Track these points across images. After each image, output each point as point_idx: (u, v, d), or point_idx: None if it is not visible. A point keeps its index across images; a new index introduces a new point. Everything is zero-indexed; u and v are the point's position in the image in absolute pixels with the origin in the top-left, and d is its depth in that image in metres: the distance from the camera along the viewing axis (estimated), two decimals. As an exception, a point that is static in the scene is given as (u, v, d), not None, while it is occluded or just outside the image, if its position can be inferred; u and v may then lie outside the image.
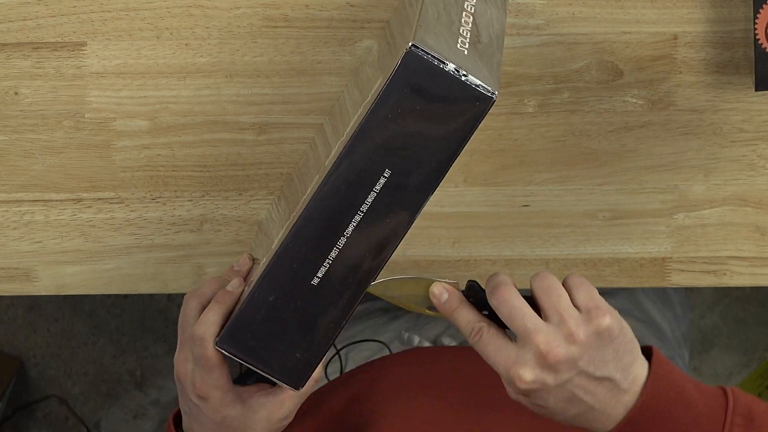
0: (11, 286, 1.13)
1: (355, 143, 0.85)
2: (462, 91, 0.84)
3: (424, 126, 0.85)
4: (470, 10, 0.91)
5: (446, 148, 0.86)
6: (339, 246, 0.87)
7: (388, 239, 0.88)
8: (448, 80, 0.84)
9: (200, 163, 1.09)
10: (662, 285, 1.11)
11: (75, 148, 1.09)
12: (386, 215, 0.87)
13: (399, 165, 0.86)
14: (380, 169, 0.86)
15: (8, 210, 1.11)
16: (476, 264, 1.11)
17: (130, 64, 1.06)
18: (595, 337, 0.83)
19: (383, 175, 0.86)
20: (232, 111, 1.08)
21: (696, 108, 1.06)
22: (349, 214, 0.87)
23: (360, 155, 0.86)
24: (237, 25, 1.05)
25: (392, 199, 0.87)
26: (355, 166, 0.86)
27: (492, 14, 0.95)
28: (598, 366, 0.83)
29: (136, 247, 1.11)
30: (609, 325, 0.83)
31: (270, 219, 1.07)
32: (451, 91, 0.84)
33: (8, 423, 2.04)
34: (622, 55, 1.05)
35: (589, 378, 0.83)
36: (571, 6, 1.04)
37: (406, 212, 0.88)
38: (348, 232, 0.87)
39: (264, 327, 0.90)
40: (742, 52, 1.05)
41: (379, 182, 0.86)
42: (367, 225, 0.87)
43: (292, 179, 1.06)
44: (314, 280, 0.88)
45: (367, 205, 0.86)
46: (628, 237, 1.10)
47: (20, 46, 1.06)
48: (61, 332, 2.04)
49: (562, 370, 0.83)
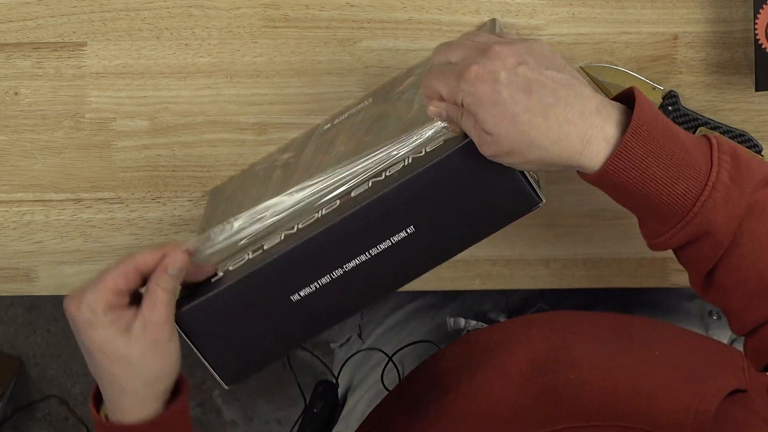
0: (11, 286, 1.13)
1: (392, 191, 0.84)
2: (516, 187, 0.84)
3: (466, 204, 0.85)
4: None
5: (476, 230, 0.86)
6: (333, 276, 0.87)
7: (378, 288, 0.88)
8: (509, 174, 0.83)
9: (200, 163, 1.09)
10: (662, 285, 1.11)
11: (75, 148, 1.09)
12: (390, 267, 0.86)
13: (424, 228, 0.85)
14: (405, 224, 0.85)
15: (8, 210, 1.11)
16: (476, 264, 1.11)
17: (130, 64, 1.06)
18: (526, 45, 0.83)
19: (406, 230, 0.85)
20: (232, 111, 1.08)
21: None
22: (357, 252, 0.86)
23: (391, 203, 0.85)
24: (237, 25, 1.05)
25: (402, 254, 0.86)
26: (382, 211, 0.85)
27: None
28: (540, 61, 0.82)
29: (136, 247, 1.11)
30: (538, 43, 0.84)
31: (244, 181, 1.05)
32: (506, 185, 0.84)
33: (8, 423, 2.04)
34: (622, 55, 1.05)
35: (536, 68, 0.82)
36: (571, 6, 1.04)
37: (409, 271, 0.87)
38: (348, 267, 0.86)
39: (227, 319, 0.89)
40: (742, 52, 1.05)
41: (399, 234, 0.86)
42: (368, 268, 0.86)
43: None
44: (294, 297, 0.87)
45: (378, 250, 0.86)
46: (628, 237, 1.10)
47: (20, 46, 1.06)
48: (61, 332, 2.04)
49: (504, 54, 0.82)
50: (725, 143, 0.84)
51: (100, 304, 0.87)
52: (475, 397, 0.95)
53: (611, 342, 0.99)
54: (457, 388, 0.97)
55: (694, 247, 0.85)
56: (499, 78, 0.81)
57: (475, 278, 1.12)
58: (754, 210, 0.83)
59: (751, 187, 0.83)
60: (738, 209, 0.83)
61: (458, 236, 0.86)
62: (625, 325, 1.02)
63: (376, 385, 1.20)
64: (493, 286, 1.12)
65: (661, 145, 0.82)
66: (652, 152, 0.81)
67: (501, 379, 0.96)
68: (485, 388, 0.96)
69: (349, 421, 1.24)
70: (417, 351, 1.21)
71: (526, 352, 0.98)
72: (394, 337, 1.26)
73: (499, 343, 1.02)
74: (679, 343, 1.00)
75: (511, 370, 0.96)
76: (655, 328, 1.02)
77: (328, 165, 0.93)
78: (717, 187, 0.82)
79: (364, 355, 1.27)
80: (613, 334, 1.00)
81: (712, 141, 0.84)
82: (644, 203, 0.84)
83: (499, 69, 0.81)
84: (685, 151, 0.82)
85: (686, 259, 0.87)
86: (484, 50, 0.83)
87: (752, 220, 0.83)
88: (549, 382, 0.93)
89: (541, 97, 0.81)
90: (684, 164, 0.82)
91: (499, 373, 0.97)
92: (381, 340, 1.27)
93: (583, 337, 1.00)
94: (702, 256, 0.85)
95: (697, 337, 1.04)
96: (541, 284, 1.12)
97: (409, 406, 1.02)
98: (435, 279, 1.11)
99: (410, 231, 0.85)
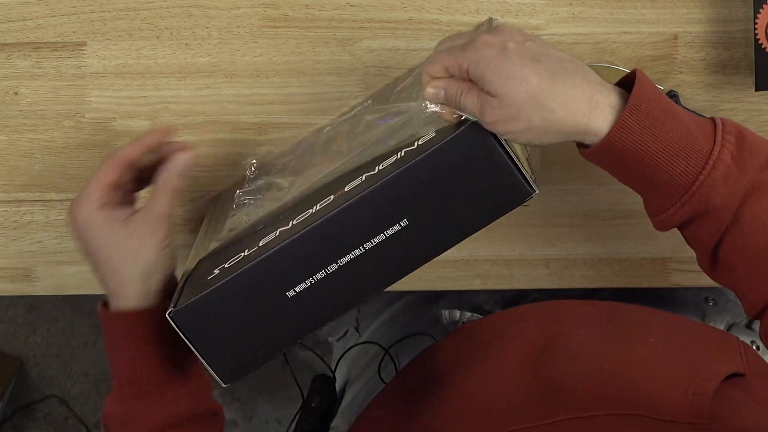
0: (11, 286, 1.13)
1: (385, 184, 0.84)
2: (510, 178, 0.84)
3: (460, 196, 0.84)
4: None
5: (471, 222, 0.86)
6: (328, 270, 0.86)
7: (373, 283, 0.87)
8: (503, 164, 0.83)
9: (200, 163, 1.09)
10: (662, 285, 1.11)
11: (75, 148, 1.09)
12: (383, 261, 0.86)
13: (418, 221, 0.85)
14: (399, 217, 0.85)
15: (8, 210, 1.11)
16: (476, 264, 1.11)
17: (130, 64, 1.06)
18: (521, 32, 0.84)
19: (399, 223, 0.85)
20: (232, 111, 1.08)
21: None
22: (351, 246, 0.86)
23: (384, 196, 0.84)
24: (237, 25, 1.05)
25: (396, 248, 0.86)
26: (375, 204, 0.85)
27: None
28: (544, 43, 0.84)
29: (136, 247, 1.11)
30: (533, 36, 0.85)
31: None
32: (499, 175, 0.84)
33: (8, 423, 2.04)
34: (622, 55, 1.05)
35: (542, 45, 0.83)
36: (571, 6, 1.04)
37: (404, 264, 0.87)
38: (342, 262, 0.86)
39: (223, 317, 0.89)
40: (742, 52, 1.05)
41: (393, 228, 0.85)
42: (362, 262, 0.86)
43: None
44: (290, 293, 0.87)
45: (372, 244, 0.85)
46: (628, 237, 1.10)
47: (20, 46, 1.06)
48: (61, 332, 2.04)
49: (511, 31, 0.83)
50: (731, 124, 0.85)
51: (95, 201, 0.93)
52: (471, 389, 0.95)
53: (607, 330, 0.99)
54: (453, 380, 0.97)
55: (696, 225, 0.86)
56: (507, 46, 0.82)
57: (475, 278, 1.12)
58: (757, 189, 0.84)
59: (754, 167, 0.83)
60: (739, 188, 0.83)
61: (452, 228, 0.86)
62: (621, 313, 1.02)
63: (374, 378, 1.20)
64: (493, 286, 1.12)
65: (662, 122, 0.82)
66: (652, 127, 0.82)
67: (496, 371, 0.96)
68: (481, 381, 0.96)
69: (347, 415, 1.24)
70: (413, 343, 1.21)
71: (521, 343, 0.98)
72: (390, 330, 1.26)
73: (494, 335, 1.02)
74: (675, 329, 1.00)
75: (507, 362, 0.96)
76: (651, 315, 1.02)
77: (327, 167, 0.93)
78: (717, 166, 0.82)
79: (361, 348, 1.27)
80: (609, 323, 1.00)
81: (717, 122, 0.85)
82: (645, 180, 0.84)
83: (507, 39, 0.82)
84: (687, 130, 0.83)
85: (690, 238, 0.88)
86: (491, 29, 0.84)
87: (755, 199, 0.84)
88: (545, 374, 0.93)
89: (549, 64, 0.82)
90: (684, 142, 0.82)
91: (494, 365, 0.97)
92: (377, 333, 1.27)
93: (578, 327, 1.00)
94: (704, 234, 0.86)
95: (694, 323, 1.04)
96: (541, 284, 1.12)
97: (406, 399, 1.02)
98: (435, 279, 1.11)
99: (404, 224, 0.85)
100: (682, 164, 0.82)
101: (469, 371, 0.98)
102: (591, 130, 0.82)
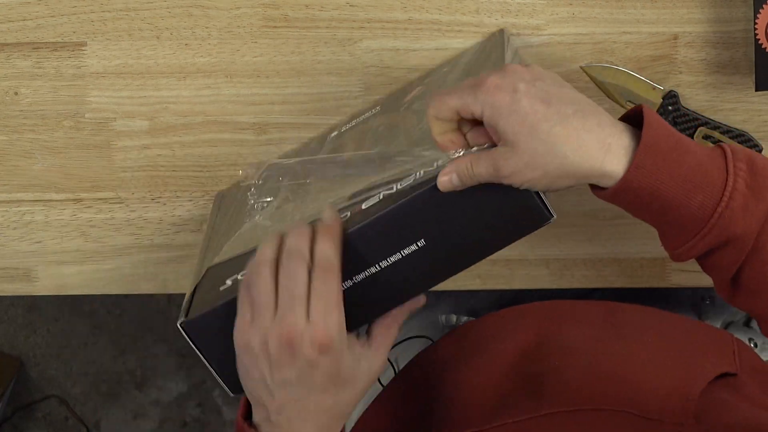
0: (11, 286, 1.13)
1: (404, 204, 0.84)
2: (528, 203, 0.83)
3: (477, 219, 0.84)
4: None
5: (487, 245, 0.86)
6: (343, 287, 0.85)
7: (386, 301, 0.87)
8: (522, 189, 0.83)
9: (200, 163, 1.09)
10: (662, 285, 1.11)
11: (75, 148, 1.09)
12: (399, 279, 0.86)
13: (435, 241, 0.85)
14: (417, 236, 0.85)
15: (8, 210, 1.11)
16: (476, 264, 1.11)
17: (130, 64, 1.06)
18: (539, 69, 0.83)
19: (416, 243, 0.85)
20: (232, 111, 1.08)
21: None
22: (367, 264, 0.85)
23: (404, 215, 0.84)
24: (237, 25, 1.05)
25: (412, 267, 0.85)
26: (393, 224, 0.84)
27: None
28: (555, 81, 0.83)
29: (136, 247, 1.11)
30: (549, 71, 0.84)
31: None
32: (518, 200, 0.83)
33: (8, 423, 2.04)
34: (622, 55, 1.05)
35: (552, 84, 0.82)
36: (571, 6, 1.04)
37: (419, 283, 0.87)
38: (357, 279, 0.86)
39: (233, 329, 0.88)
40: (742, 52, 1.05)
41: (410, 247, 0.85)
42: (377, 280, 0.86)
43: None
44: None
45: (388, 262, 0.85)
46: (628, 237, 1.10)
47: (20, 46, 1.06)
48: (61, 332, 2.04)
49: (520, 71, 0.82)
50: (740, 151, 0.84)
51: (340, 324, 0.82)
52: (465, 387, 0.96)
53: (601, 329, 0.99)
54: (448, 378, 0.98)
55: (716, 255, 0.85)
56: (518, 88, 0.81)
57: (474, 278, 1.12)
58: None
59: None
60: (757, 216, 0.83)
61: (468, 250, 0.86)
62: (616, 312, 1.02)
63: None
64: (493, 286, 1.12)
65: (675, 158, 0.82)
66: (666, 165, 0.82)
67: (489, 368, 0.96)
68: (474, 377, 0.96)
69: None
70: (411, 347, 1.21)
71: (515, 342, 0.98)
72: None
73: (489, 334, 1.03)
74: (670, 328, 1.00)
75: (500, 359, 0.96)
76: (646, 314, 1.02)
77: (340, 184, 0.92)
78: (734, 197, 0.82)
79: None
80: (604, 321, 1.00)
81: (726, 150, 0.84)
82: (662, 215, 0.84)
83: (517, 81, 0.82)
84: (699, 162, 0.83)
85: (709, 267, 0.88)
86: (498, 70, 0.83)
87: None
88: (534, 370, 0.93)
89: (560, 107, 0.81)
90: (699, 176, 0.82)
91: (487, 363, 0.97)
92: None
93: (573, 325, 1.00)
94: (724, 263, 0.86)
95: (690, 322, 1.04)
96: (541, 284, 1.12)
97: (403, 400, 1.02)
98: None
99: (421, 244, 0.85)
100: (699, 198, 0.82)
101: (464, 369, 0.98)
102: (606, 173, 0.82)
